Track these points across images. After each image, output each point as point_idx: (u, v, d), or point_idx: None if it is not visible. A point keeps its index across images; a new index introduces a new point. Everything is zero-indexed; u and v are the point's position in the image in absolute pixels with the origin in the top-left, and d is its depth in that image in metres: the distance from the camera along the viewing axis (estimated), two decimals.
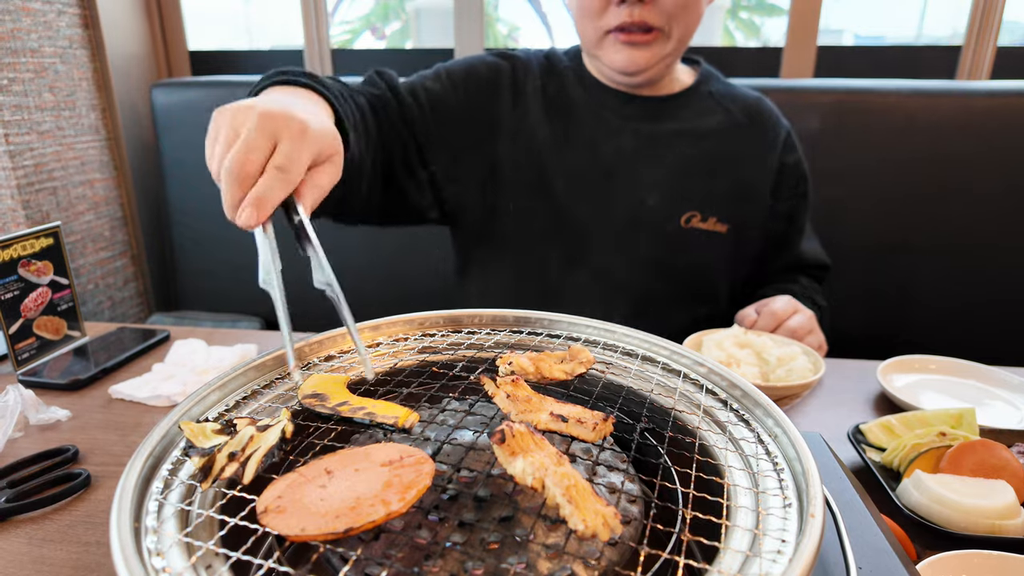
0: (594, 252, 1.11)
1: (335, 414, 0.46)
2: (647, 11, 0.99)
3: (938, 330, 1.54)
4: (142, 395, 0.86)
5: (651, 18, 1.00)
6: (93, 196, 1.79)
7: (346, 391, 0.50)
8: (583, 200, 1.11)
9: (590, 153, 1.11)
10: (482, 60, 1.17)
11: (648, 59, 1.04)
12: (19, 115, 1.56)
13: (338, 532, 0.33)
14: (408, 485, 0.36)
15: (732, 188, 1.13)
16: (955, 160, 1.47)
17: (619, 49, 1.04)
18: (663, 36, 1.02)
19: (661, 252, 1.12)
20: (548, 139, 1.12)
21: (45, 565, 0.56)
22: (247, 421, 0.44)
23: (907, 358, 0.96)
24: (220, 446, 0.41)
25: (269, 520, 0.35)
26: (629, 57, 1.04)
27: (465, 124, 1.12)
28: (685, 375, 0.56)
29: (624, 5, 0.99)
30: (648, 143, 1.11)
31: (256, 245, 0.58)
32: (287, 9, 1.99)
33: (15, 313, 0.92)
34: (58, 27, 1.65)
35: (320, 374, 0.54)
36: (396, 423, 0.44)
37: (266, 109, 0.60)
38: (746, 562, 0.35)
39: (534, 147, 1.12)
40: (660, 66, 1.06)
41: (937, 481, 0.63)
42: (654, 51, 1.03)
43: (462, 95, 1.12)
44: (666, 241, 1.11)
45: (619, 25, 1.01)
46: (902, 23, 1.95)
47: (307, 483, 0.37)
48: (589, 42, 1.08)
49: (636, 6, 0.99)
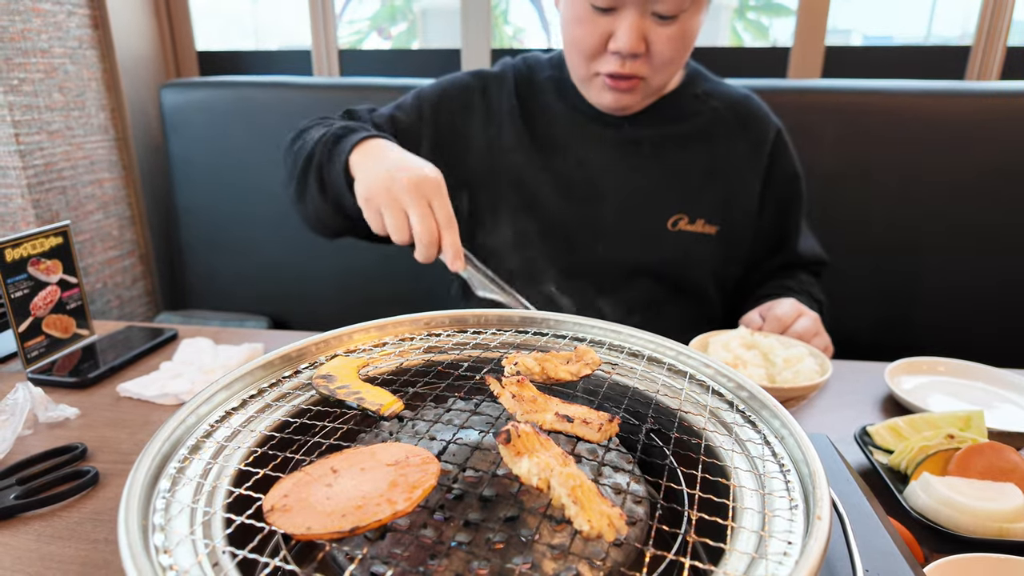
0: (582, 261, 1.12)
1: (332, 395, 0.48)
2: (639, 64, 1.02)
3: (947, 332, 1.53)
4: (150, 393, 0.86)
5: (640, 70, 1.03)
6: (102, 196, 1.80)
7: (355, 376, 0.52)
8: (568, 209, 1.12)
9: (573, 161, 1.13)
10: (453, 82, 1.19)
11: (632, 101, 1.08)
12: (29, 115, 1.57)
13: (344, 531, 0.33)
14: (414, 485, 0.36)
15: (720, 189, 1.13)
16: (965, 161, 1.46)
17: (605, 92, 1.07)
18: (646, 82, 1.05)
19: (649, 257, 1.12)
20: (527, 152, 1.13)
21: (53, 562, 0.57)
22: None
23: (915, 360, 0.95)
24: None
25: (275, 519, 0.35)
26: (615, 100, 1.07)
27: (437, 147, 1.15)
28: (691, 376, 0.55)
29: (617, 55, 1.01)
30: (632, 148, 1.12)
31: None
32: (295, 10, 2.00)
33: (25, 311, 0.93)
34: (68, 28, 1.66)
35: (342, 357, 0.56)
36: (379, 410, 0.46)
37: (409, 180, 0.82)
38: (752, 564, 0.35)
39: (513, 161, 1.14)
40: (644, 102, 1.11)
41: (945, 484, 0.62)
42: (638, 95, 1.07)
43: (429, 118, 1.15)
44: (653, 245, 1.11)
45: (609, 73, 1.03)
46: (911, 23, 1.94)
47: (313, 482, 0.38)
48: (577, 77, 1.11)
49: (629, 60, 1.01)
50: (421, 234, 0.82)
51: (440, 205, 0.83)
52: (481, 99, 1.17)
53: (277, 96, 1.74)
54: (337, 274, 1.76)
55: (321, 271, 1.77)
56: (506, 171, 1.14)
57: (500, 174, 1.14)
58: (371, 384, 0.51)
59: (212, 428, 0.47)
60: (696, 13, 1.00)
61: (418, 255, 0.84)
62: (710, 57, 1.70)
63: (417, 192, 0.82)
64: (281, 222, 1.76)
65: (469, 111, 1.17)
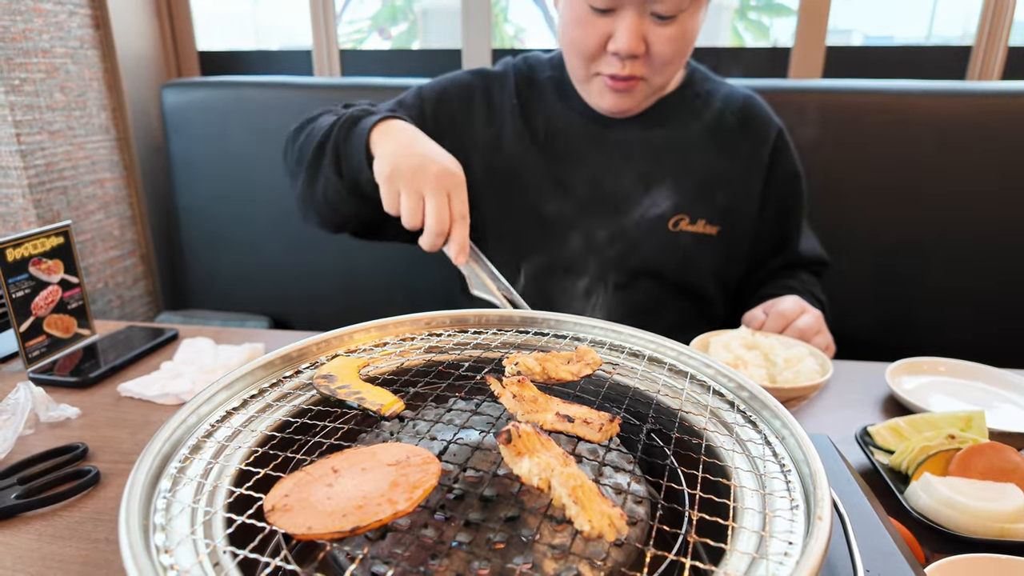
0: (583, 260, 1.12)
1: (332, 395, 0.48)
2: (638, 65, 1.02)
3: (947, 332, 1.53)
4: (151, 393, 0.86)
5: (640, 71, 1.03)
6: (103, 196, 1.80)
7: (355, 376, 0.52)
8: (569, 210, 1.12)
9: (574, 161, 1.12)
10: (454, 80, 1.19)
11: (632, 102, 1.08)
12: (31, 115, 1.57)
13: (345, 531, 0.33)
14: (414, 485, 0.36)
15: (721, 190, 1.13)
16: (965, 162, 1.46)
17: (605, 93, 1.07)
18: (646, 83, 1.05)
19: (651, 257, 1.12)
20: (528, 151, 1.13)
21: (55, 561, 0.57)
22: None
23: (916, 360, 0.95)
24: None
25: (276, 519, 0.35)
26: (614, 102, 1.07)
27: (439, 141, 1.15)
28: (692, 376, 0.55)
29: (617, 57, 1.01)
30: (633, 149, 1.12)
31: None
32: (296, 10, 2.00)
33: (26, 311, 0.93)
34: (69, 28, 1.66)
35: (343, 357, 0.56)
36: (380, 410, 0.46)
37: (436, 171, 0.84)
38: (753, 564, 0.35)
39: (513, 160, 1.14)
40: (644, 104, 1.11)
41: (946, 484, 0.62)
42: (637, 95, 1.07)
43: (430, 115, 1.16)
44: (655, 246, 1.11)
45: (609, 74, 1.03)
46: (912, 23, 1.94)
47: (314, 482, 0.38)
48: (576, 78, 1.11)
49: (628, 60, 1.01)
50: (433, 224, 0.83)
51: (459, 200, 0.85)
52: (483, 98, 1.17)
53: (278, 96, 1.74)
54: (338, 274, 1.76)
55: (322, 271, 1.77)
56: (506, 170, 1.14)
57: (500, 173, 1.14)
58: (372, 384, 0.51)
59: (213, 428, 0.47)
60: (695, 13, 1.00)
61: (424, 242, 0.84)
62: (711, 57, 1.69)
63: (439, 183, 0.84)
64: (282, 222, 1.76)
65: (470, 109, 1.17)
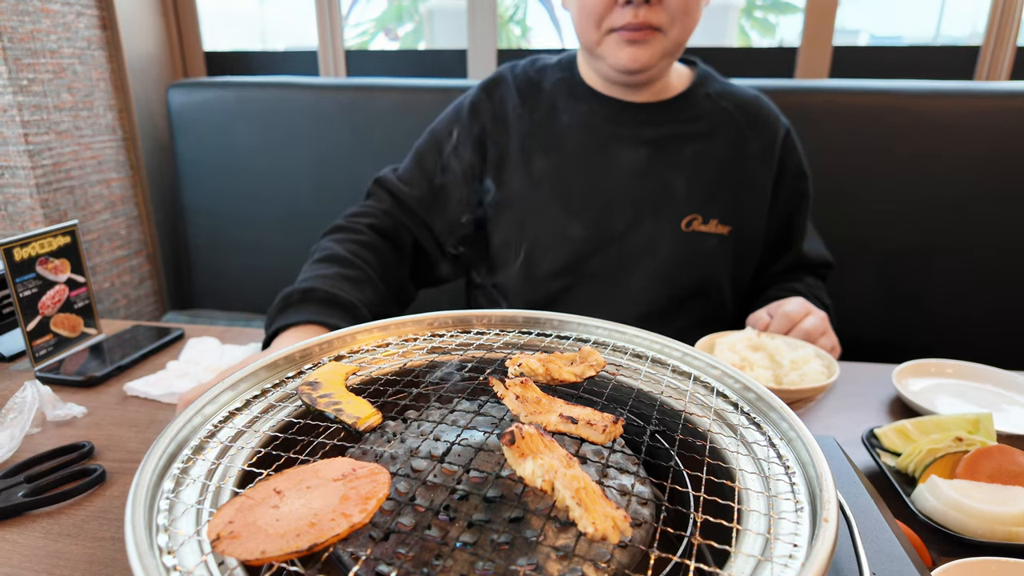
0: (595, 261, 1.11)
1: (313, 404, 0.47)
2: (652, 12, 1.00)
3: (955, 334, 1.52)
4: (156, 392, 0.87)
5: (655, 18, 1.01)
6: (110, 195, 1.81)
7: (341, 384, 0.51)
8: (581, 210, 1.11)
9: (584, 164, 1.12)
10: (458, 110, 1.20)
11: (650, 56, 1.05)
12: (38, 115, 1.58)
13: (302, 550, 0.32)
14: (367, 496, 0.36)
15: (732, 189, 1.13)
16: (973, 162, 1.45)
17: (622, 47, 1.05)
18: (662, 34, 1.04)
19: (664, 257, 1.12)
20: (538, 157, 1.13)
21: (61, 560, 0.57)
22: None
23: (923, 362, 0.95)
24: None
25: (224, 547, 0.33)
26: (631, 55, 1.05)
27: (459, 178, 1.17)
28: (696, 378, 0.55)
29: (629, 6, 1.00)
30: (644, 149, 1.11)
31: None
32: (301, 10, 2.01)
33: (33, 310, 0.94)
34: (77, 28, 1.67)
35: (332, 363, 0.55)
36: (356, 424, 0.45)
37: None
38: (758, 567, 0.34)
39: (524, 166, 1.13)
40: (662, 64, 1.08)
41: (953, 487, 0.62)
42: (655, 48, 1.04)
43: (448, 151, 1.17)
44: (668, 245, 1.11)
45: (623, 25, 1.02)
46: (919, 23, 1.93)
47: (257, 505, 0.36)
48: (590, 42, 1.08)
49: (642, 7, 1.00)
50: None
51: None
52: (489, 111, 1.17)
53: (284, 96, 1.74)
54: None
55: None
56: (519, 174, 1.14)
57: (513, 177, 1.14)
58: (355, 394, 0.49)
59: (216, 428, 0.47)
60: None
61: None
62: (718, 57, 1.69)
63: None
64: (288, 222, 1.76)
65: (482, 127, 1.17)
